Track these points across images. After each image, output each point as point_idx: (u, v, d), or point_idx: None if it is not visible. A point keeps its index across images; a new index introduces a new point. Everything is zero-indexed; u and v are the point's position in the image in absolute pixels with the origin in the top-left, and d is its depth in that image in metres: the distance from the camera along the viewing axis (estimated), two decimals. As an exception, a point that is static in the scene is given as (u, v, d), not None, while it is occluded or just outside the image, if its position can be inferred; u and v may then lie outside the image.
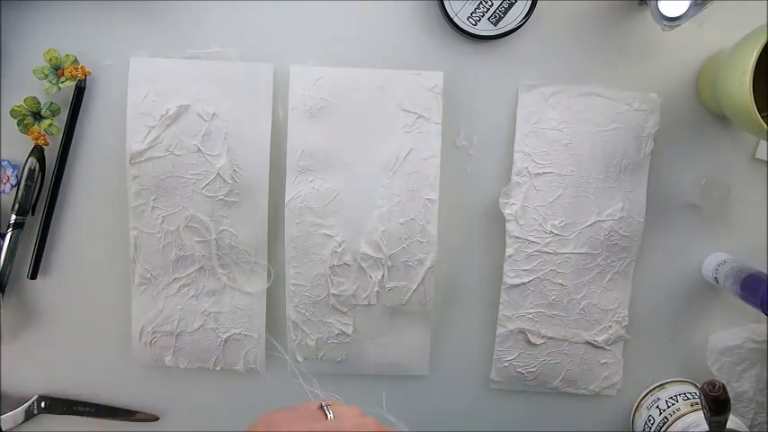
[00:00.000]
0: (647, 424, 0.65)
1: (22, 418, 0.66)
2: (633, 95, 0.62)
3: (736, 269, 0.62)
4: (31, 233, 0.63)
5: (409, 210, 0.62)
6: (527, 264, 0.63)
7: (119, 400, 0.67)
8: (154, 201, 0.61)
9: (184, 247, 0.62)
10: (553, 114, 0.62)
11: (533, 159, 0.62)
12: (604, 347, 0.66)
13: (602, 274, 0.64)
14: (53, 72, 0.60)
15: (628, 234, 0.64)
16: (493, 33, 0.60)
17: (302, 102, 0.61)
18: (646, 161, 0.63)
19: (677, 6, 0.55)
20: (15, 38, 0.61)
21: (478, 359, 0.67)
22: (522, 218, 0.63)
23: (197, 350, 0.65)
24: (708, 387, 0.49)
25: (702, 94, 0.63)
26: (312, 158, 0.61)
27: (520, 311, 0.64)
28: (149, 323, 0.64)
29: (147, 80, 0.60)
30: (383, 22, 0.62)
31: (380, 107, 0.61)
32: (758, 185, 0.65)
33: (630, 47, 0.63)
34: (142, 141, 0.60)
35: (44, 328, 0.66)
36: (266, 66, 0.61)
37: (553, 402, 0.68)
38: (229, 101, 0.61)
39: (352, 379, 0.67)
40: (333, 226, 0.62)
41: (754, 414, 0.67)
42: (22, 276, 0.64)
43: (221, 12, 0.61)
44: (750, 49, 0.52)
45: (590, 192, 0.63)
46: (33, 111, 0.61)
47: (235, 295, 0.64)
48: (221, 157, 0.61)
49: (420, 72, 0.61)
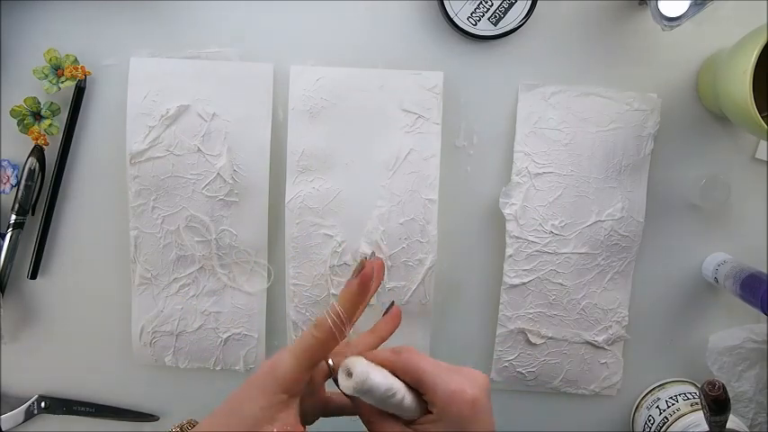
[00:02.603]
0: (647, 424, 0.65)
1: (22, 418, 0.66)
2: (633, 95, 0.62)
3: (736, 269, 0.62)
4: (31, 233, 0.63)
5: (409, 210, 0.62)
6: (527, 264, 0.63)
7: (119, 400, 0.67)
8: (154, 201, 0.61)
9: (184, 247, 0.62)
10: (553, 114, 0.62)
11: (533, 159, 0.62)
12: (604, 347, 0.66)
13: (602, 274, 0.64)
14: (53, 72, 0.60)
15: (628, 234, 0.64)
16: (493, 33, 0.60)
17: (302, 102, 0.61)
18: (646, 161, 0.63)
19: (677, 6, 0.55)
20: (15, 38, 0.61)
21: (478, 359, 0.67)
22: (522, 218, 0.63)
23: (197, 350, 0.65)
24: (708, 387, 0.49)
25: (702, 94, 0.63)
26: (312, 158, 0.61)
27: (520, 311, 0.64)
28: (149, 323, 0.64)
29: (147, 80, 0.60)
30: (383, 22, 0.62)
31: (380, 107, 0.61)
32: (758, 185, 0.65)
33: (630, 47, 0.63)
34: (142, 141, 0.60)
35: (44, 328, 0.66)
36: (266, 66, 0.61)
37: (553, 402, 0.68)
38: (229, 101, 0.61)
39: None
40: (333, 226, 0.62)
41: (754, 414, 0.67)
42: (22, 276, 0.64)
43: (221, 12, 0.61)
44: (750, 49, 0.52)
45: (590, 192, 0.63)
46: (33, 111, 0.61)
47: (235, 295, 0.64)
48: (221, 157, 0.61)
49: (420, 72, 0.61)
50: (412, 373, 0.42)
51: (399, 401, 0.42)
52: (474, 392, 0.41)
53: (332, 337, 0.41)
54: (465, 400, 0.40)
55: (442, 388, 0.41)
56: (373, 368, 0.41)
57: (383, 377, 0.41)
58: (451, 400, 0.41)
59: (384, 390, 0.41)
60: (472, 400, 0.41)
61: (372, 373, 0.41)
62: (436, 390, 0.41)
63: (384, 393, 0.41)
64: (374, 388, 0.40)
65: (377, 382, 0.40)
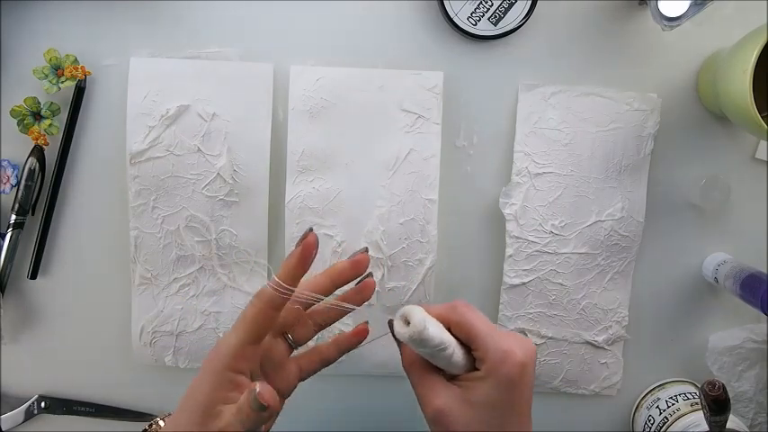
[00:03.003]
0: (647, 424, 0.65)
1: (22, 418, 0.66)
2: (633, 95, 0.62)
3: (736, 269, 0.62)
4: (31, 233, 0.63)
5: (409, 210, 0.62)
6: (527, 264, 0.63)
7: (119, 400, 0.67)
8: (154, 201, 0.61)
9: (184, 247, 0.62)
10: (553, 114, 0.62)
11: (533, 159, 0.62)
12: (604, 347, 0.66)
13: (602, 274, 0.64)
14: (53, 72, 0.60)
15: (628, 234, 0.64)
16: (493, 33, 0.60)
17: (302, 102, 0.61)
18: (646, 161, 0.63)
19: (677, 6, 0.55)
20: (15, 38, 0.61)
21: (478, 359, 0.67)
22: (522, 218, 0.63)
23: (197, 350, 0.65)
24: (708, 387, 0.49)
25: (702, 94, 0.63)
26: (312, 158, 0.61)
27: (520, 311, 0.64)
28: (149, 323, 0.64)
29: (147, 80, 0.60)
30: (383, 22, 0.62)
31: (380, 107, 0.61)
32: (758, 185, 0.65)
33: (630, 47, 0.63)
34: (142, 141, 0.60)
35: (44, 328, 0.66)
36: (266, 66, 0.61)
37: (553, 402, 0.68)
38: (229, 101, 0.61)
39: (353, 379, 0.67)
40: (333, 226, 0.62)
41: (754, 414, 0.67)
42: (22, 276, 0.64)
43: (221, 12, 0.61)
44: (750, 49, 0.52)
45: (590, 192, 0.63)
46: (33, 111, 0.61)
47: (235, 295, 0.64)
48: (221, 157, 0.61)
49: (420, 72, 0.61)
50: (466, 329, 0.42)
51: (449, 356, 0.42)
52: (524, 357, 0.41)
53: (271, 307, 0.42)
54: (515, 362, 0.40)
55: (493, 347, 0.41)
56: (430, 319, 0.41)
57: (438, 330, 0.41)
58: (503, 360, 0.40)
59: (437, 343, 0.41)
60: (522, 363, 0.41)
61: (429, 324, 0.41)
62: (488, 348, 0.41)
63: (436, 346, 0.41)
64: (428, 340, 0.41)
65: (431, 335, 0.41)
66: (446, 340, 0.42)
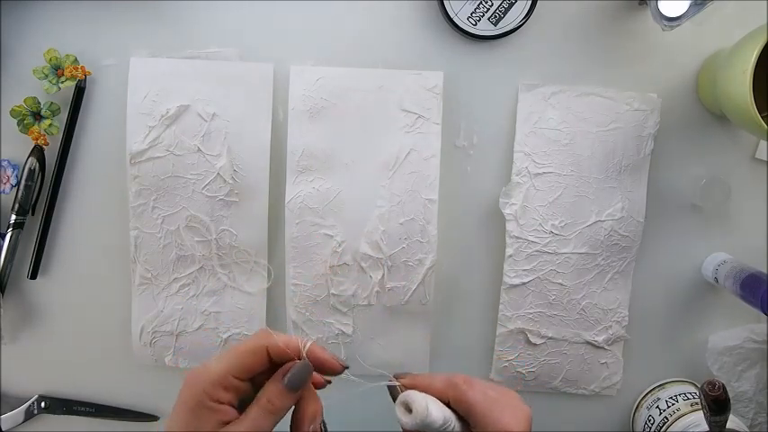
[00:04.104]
0: (647, 424, 0.65)
1: (22, 418, 0.66)
2: (633, 95, 0.62)
3: (736, 269, 0.62)
4: (31, 233, 0.63)
5: (409, 210, 0.62)
6: (527, 264, 0.63)
7: (119, 400, 0.67)
8: (154, 201, 0.61)
9: (184, 247, 0.62)
10: (553, 114, 0.62)
11: (533, 159, 0.62)
12: (604, 347, 0.66)
13: (602, 274, 0.64)
14: (53, 72, 0.60)
15: (628, 234, 0.64)
16: (493, 33, 0.60)
17: (302, 102, 0.61)
18: (646, 161, 0.63)
19: (677, 6, 0.55)
20: (15, 38, 0.61)
21: (478, 359, 0.67)
22: (522, 218, 0.63)
23: (197, 350, 0.65)
24: (708, 387, 0.49)
25: (702, 94, 0.63)
26: (312, 158, 0.61)
27: (520, 311, 0.64)
28: (149, 323, 0.64)
29: (147, 80, 0.60)
30: (383, 22, 0.62)
31: (380, 107, 0.61)
32: (758, 185, 0.65)
33: (630, 47, 0.63)
34: (142, 141, 0.60)
35: (44, 328, 0.66)
36: (266, 66, 0.61)
37: (553, 402, 0.68)
38: (229, 101, 0.61)
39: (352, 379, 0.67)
40: (333, 226, 0.62)
41: (754, 414, 0.67)
42: (22, 276, 0.64)
43: (221, 12, 0.61)
44: (750, 49, 0.52)
45: (590, 192, 0.63)
46: (33, 111, 0.61)
47: (235, 295, 0.64)
48: (221, 157, 0.61)
49: (420, 72, 0.61)
50: (464, 408, 0.44)
51: (450, 431, 0.44)
52: (521, 429, 0.43)
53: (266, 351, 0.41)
54: None
55: (492, 424, 0.43)
56: (431, 402, 0.43)
57: (440, 411, 0.43)
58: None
59: (440, 424, 0.43)
60: None
61: (431, 407, 0.42)
62: (486, 425, 0.43)
63: (440, 427, 0.43)
64: (432, 423, 0.42)
65: (434, 418, 0.42)
66: (447, 417, 0.43)
